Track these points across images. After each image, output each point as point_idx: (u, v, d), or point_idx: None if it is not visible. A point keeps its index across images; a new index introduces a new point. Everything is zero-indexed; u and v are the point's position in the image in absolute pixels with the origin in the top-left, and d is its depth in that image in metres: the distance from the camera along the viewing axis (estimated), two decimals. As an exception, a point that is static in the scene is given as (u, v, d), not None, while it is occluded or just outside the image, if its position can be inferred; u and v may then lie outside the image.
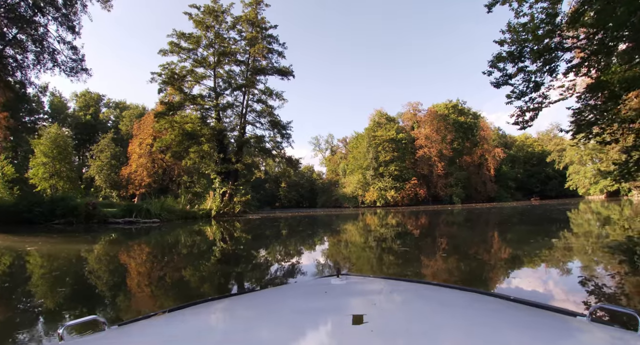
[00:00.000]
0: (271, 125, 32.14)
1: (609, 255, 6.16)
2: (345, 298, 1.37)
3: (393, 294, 1.42)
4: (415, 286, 1.59)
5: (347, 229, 14.62)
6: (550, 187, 71.78)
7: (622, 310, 1.04)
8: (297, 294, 1.56)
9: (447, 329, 0.98)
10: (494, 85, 10.36)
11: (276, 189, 79.78)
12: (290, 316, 1.17)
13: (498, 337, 0.92)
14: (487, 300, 1.36)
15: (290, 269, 6.03)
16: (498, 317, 1.12)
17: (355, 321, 0.97)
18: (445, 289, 1.56)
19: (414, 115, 66.42)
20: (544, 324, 1.03)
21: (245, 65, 31.20)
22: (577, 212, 21.02)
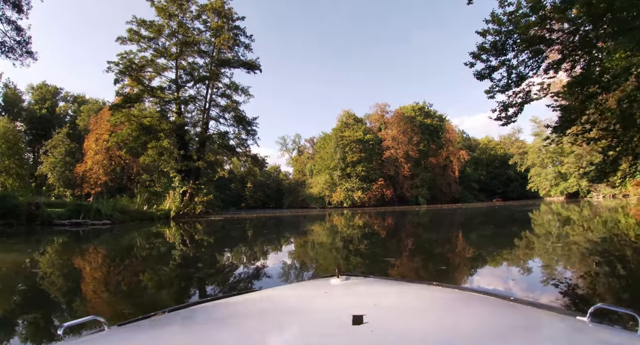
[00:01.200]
0: (236, 121, 30.69)
1: (573, 253, 6.40)
2: (345, 298, 1.36)
3: (393, 294, 1.43)
4: (415, 286, 1.57)
5: (314, 231, 13.87)
6: (512, 188, 74.58)
7: (622, 311, 1.00)
8: (297, 294, 1.52)
9: (447, 329, 0.97)
10: (477, 76, 9.92)
11: (242, 189, 78.14)
12: (290, 316, 1.15)
13: (498, 337, 0.91)
14: (487, 300, 1.32)
15: (255, 274, 5.33)
16: (498, 317, 1.11)
17: (355, 321, 0.96)
18: (445, 289, 1.53)
19: (382, 116, 66.84)
20: (544, 325, 1.03)
21: (210, 57, 29.65)
22: (539, 212, 21.28)
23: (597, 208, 23.83)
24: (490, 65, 9.72)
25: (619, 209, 21.03)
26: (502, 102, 10.24)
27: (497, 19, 9.11)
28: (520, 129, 77.91)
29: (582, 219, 14.65)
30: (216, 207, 34.87)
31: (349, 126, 62.68)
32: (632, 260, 5.69)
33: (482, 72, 9.88)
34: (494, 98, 10.14)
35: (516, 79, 9.60)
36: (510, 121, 10.49)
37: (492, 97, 10.10)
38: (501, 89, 9.92)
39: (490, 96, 10.07)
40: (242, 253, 8.16)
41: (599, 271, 4.71)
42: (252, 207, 73.53)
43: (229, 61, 29.56)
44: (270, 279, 4.99)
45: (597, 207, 25.64)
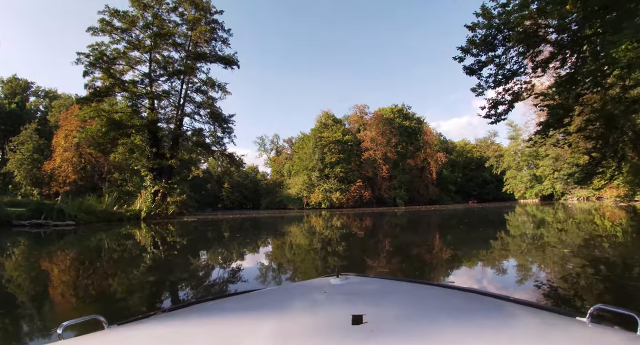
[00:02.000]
0: (212, 119, 29.59)
1: (548, 253, 6.54)
2: (344, 298, 1.34)
3: (393, 294, 1.43)
4: (415, 286, 1.57)
5: (292, 232, 13.33)
6: (487, 190, 76.24)
7: (621, 311, 1.00)
8: (297, 294, 1.51)
9: (446, 329, 0.96)
10: (467, 71, 9.61)
11: (218, 189, 76.67)
12: (290, 316, 1.15)
13: (497, 337, 0.91)
14: (486, 300, 1.33)
15: (231, 278, 4.83)
16: (497, 317, 1.11)
17: (355, 321, 0.97)
18: (444, 289, 1.53)
19: (361, 117, 66.82)
20: (544, 325, 1.03)
21: (185, 51, 28.49)
22: (514, 214, 21.33)
23: (572, 210, 24.17)
24: (480, 60, 9.42)
25: (593, 211, 21.29)
26: (491, 99, 9.96)
27: (487, 13, 8.79)
28: (496, 132, 79.86)
29: (556, 221, 14.66)
30: (190, 208, 33.68)
31: (328, 127, 62.34)
32: (609, 259, 5.80)
33: (472, 66, 9.57)
34: (483, 94, 9.88)
35: (509, 74, 9.32)
36: (500, 119, 10.27)
37: (480, 94, 9.83)
38: (492, 85, 9.63)
39: (480, 93, 9.82)
40: (214, 256, 7.55)
41: (576, 269, 4.87)
42: (229, 208, 72.22)
43: (205, 55, 28.48)
44: (246, 283, 4.70)
45: (571, 209, 26.04)
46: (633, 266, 5.30)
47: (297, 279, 4.91)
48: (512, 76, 9.31)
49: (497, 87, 9.57)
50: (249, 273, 5.31)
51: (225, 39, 29.34)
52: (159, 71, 27.90)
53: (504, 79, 9.31)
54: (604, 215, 16.15)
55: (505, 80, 9.31)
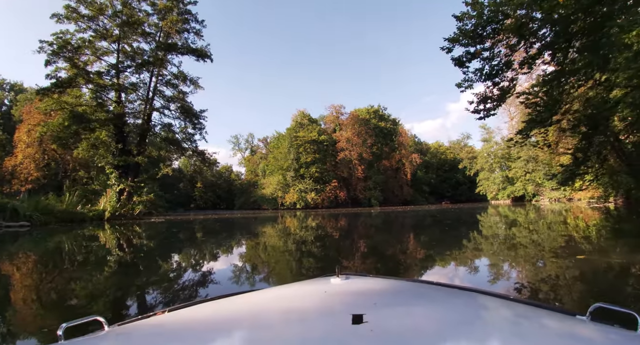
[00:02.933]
0: (182, 114, 28.31)
1: (520, 251, 6.60)
2: (345, 297, 1.33)
3: (393, 294, 1.43)
4: (416, 286, 1.58)
5: (266, 233, 12.67)
6: (460, 191, 77.95)
7: (621, 310, 0.99)
8: (296, 294, 1.49)
9: (446, 329, 0.97)
10: (456, 62, 9.23)
11: (191, 189, 74.95)
12: (289, 315, 1.15)
13: (497, 336, 0.92)
14: (486, 299, 1.32)
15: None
16: (497, 316, 1.13)
17: (355, 321, 0.96)
18: (445, 288, 1.52)
19: (337, 117, 66.67)
20: (544, 324, 1.03)
21: (156, 42, 27.07)
22: (486, 214, 21.32)
23: (545, 211, 24.41)
24: (469, 51, 9.04)
25: (564, 212, 21.52)
26: (479, 94, 9.62)
27: (477, 3, 8.38)
28: (469, 135, 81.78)
29: (527, 221, 14.55)
30: (160, 208, 32.33)
31: (303, 126, 61.77)
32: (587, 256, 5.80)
33: (460, 58, 9.17)
34: (471, 88, 9.52)
35: (500, 66, 8.99)
36: (490, 114, 9.96)
37: (469, 87, 9.45)
38: (482, 78, 9.27)
39: (468, 85, 9.43)
40: (181, 260, 6.83)
41: (549, 266, 5.00)
42: (202, 208, 70.76)
43: (176, 46, 27.16)
44: (219, 285, 4.41)
45: (543, 209, 26.35)
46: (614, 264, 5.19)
47: (272, 283, 4.64)
48: (504, 69, 9.00)
49: (487, 81, 9.28)
50: (219, 277, 4.93)
51: (198, 31, 28.22)
52: (128, 62, 26.47)
53: (493, 72, 8.99)
54: (577, 217, 16.25)
55: (495, 73, 9.00)
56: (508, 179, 56.94)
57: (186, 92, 28.75)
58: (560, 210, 23.10)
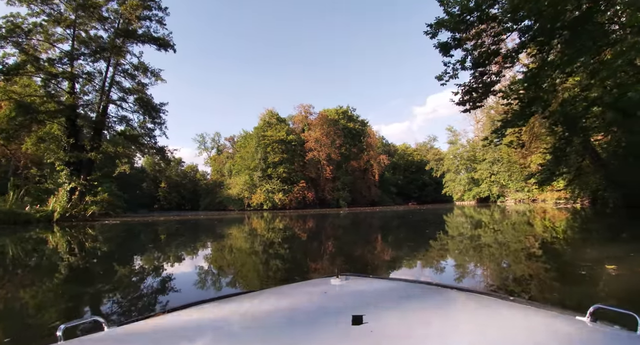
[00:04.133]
0: (141, 107, 26.57)
1: (484, 251, 6.79)
2: (344, 298, 1.36)
3: (393, 294, 1.43)
4: (415, 286, 1.57)
5: (232, 235, 11.88)
6: (427, 193, 79.45)
7: (621, 311, 1.00)
8: (296, 294, 1.52)
9: (446, 329, 0.98)
10: (442, 48, 8.80)
11: (155, 189, 72.11)
12: (289, 316, 1.16)
13: (497, 337, 0.92)
14: (485, 300, 1.33)
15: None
16: (497, 317, 1.12)
17: (355, 321, 0.98)
18: (444, 289, 1.51)
19: (305, 117, 66.05)
20: (543, 324, 1.03)
21: (114, 29, 25.26)
22: (452, 215, 21.40)
23: (509, 211, 24.80)
24: (455, 36, 8.64)
25: (528, 212, 21.86)
26: (465, 85, 9.25)
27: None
28: (435, 137, 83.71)
29: (493, 221, 14.73)
30: (118, 209, 30.51)
31: (271, 126, 60.67)
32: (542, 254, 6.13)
33: (447, 43, 8.74)
34: (456, 77, 9.13)
35: (490, 52, 8.63)
36: (476, 106, 9.61)
37: (453, 77, 9.06)
38: (470, 65, 8.90)
39: (453, 75, 9.02)
40: (134, 267, 6.00)
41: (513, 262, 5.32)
42: (166, 209, 68.32)
43: (135, 33, 25.47)
44: (179, 293, 4.05)
45: (508, 210, 26.80)
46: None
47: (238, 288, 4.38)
48: (491, 58, 8.69)
49: (474, 70, 8.95)
50: (179, 283, 4.54)
51: (160, 19, 26.60)
52: (83, 49, 24.53)
53: (481, 60, 8.67)
54: (545, 218, 16.41)
55: (482, 61, 8.68)
56: (473, 180, 58.39)
57: (146, 83, 27.22)
58: (533, 211, 23.48)
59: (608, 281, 3.89)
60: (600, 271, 4.33)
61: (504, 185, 51.17)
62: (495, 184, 53.15)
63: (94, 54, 24.47)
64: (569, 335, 0.95)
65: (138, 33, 25.59)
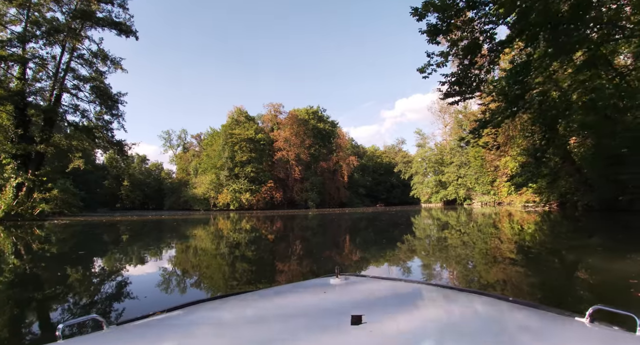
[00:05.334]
0: (98, 97, 24.71)
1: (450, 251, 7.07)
2: (344, 298, 1.35)
3: (392, 294, 1.43)
4: (414, 286, 1.57)
5: (196, 236, 11.00)
6: (394, 194, 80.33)
7: (620, 312, 0.99)
8: (296, 294, 1.52)
9: (445, 329, 0.98)
10: (430, 31, 8.32)
11: (117, 187, 68.94)
12: (289, 316, 1.16)
13: (496, 337, 0.92)
14: (485, 300, 1.32)
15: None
16: (496, 317, 1.12)
17: (354, 321, 0.97)
18: (443, 289, 1.53)
19: (275, 116, 65.17)
20: (543, 325, 1.03)
21: (72, 10, 23.27)
22: (420, 217, 21.39)
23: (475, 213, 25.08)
24: (445, 19, 8.22)
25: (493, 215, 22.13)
26: (455, 74, 8.85)
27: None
28: (404, 140, 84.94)
29: (459, 223, 14.79)
30: (74, 208, 28.58)
31: (240, 124, 59.29)
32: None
33: (436, 26, 8.28)
34: (444, 65, 8.73)
35: (484, 38, 8.26)
36: (464, 97, 9.24)
37: (440, 66, 8.64)
38: (465, 51, 8.50)
39: (440, 64, 8.61)
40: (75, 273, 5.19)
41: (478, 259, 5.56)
42: (129, 208, 65.86)
43: (92, 15, 23.50)
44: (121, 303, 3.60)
45: (474, 212, 27.12)
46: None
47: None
48: (482, 45, 8.37)
49: (467, 56, 8.59)
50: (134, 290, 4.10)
51: (122, 2, 24.80)
52: (36, 31, 22.50)
53: (471, 47, 8.32)
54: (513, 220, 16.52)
55: (474, 48, 8.34)
56: (441, 183, 59.33)
57: (103, 71, 25.45)
58: (501, 214, 23.76)
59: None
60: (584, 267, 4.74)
61: (470, 188, 52.32)
62: (462, 187, 54.27)
63: (48, 35, 22.50)
64: (568, 336, 0.94)
65: (97, 16, 23.84)
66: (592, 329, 0.98)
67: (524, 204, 30.59)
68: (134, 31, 24.97)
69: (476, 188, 50.56)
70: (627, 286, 3.59)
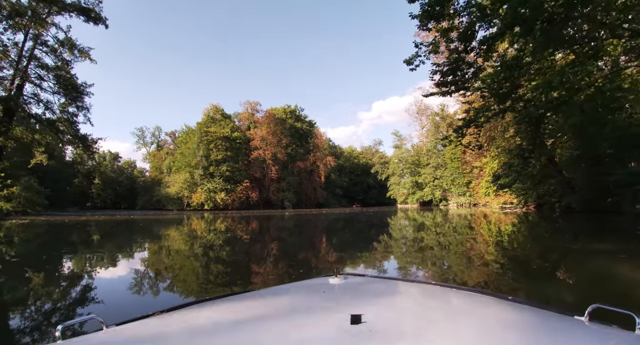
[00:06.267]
0: (62, 88, 23.30)
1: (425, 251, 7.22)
2: (343, 297, 1.35)
3: (391, 294, 1.44)
4: (413, 286, 1.58)
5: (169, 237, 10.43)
6: (371, 195, 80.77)
7: (619, 311, 1.01)
8: (295, 294, 1.52)
9: (444, 329, 0.98)
10: (425, 15, 8.00)
11: (88, 185, 66.31)
12: (288, 315, 1.16)
13: (495, 337, 0.93)
14: (484, 300, 1.33)
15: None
16: (496, 317, 1.13)
17: (354, 321, 0.98)
18: (442, 288, 1.53)
19: (252, 115, 64.21)
20: (542, 324, 1.04)
21: None
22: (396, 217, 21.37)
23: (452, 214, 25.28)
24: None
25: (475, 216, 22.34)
26: (448, 60, 8.63)
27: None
28: (381, 141, 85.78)
29: (435, 224, 14.91)
30: (38, 206, 27.23)
31: (215, 121, 57.97)
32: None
33: (432, 7, 7.98)
34: (434, 52, 8.48)
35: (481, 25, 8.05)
36: (463, 86, 9.03)
37: (431, 54, 8.43)
38: (460, 39, 8.27)
39: (433, 50, 8.36)
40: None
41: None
42: (100, 208, 63.26)
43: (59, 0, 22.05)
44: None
45: (451, 213, 27.37)
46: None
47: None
48: (485, 24, 8.14)
49: (465, 43, 8.37)
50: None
51: (93, -12, 23.43)
52: None
53: (469, 33, 8.10)
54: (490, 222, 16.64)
55: (471, 34, 8.14)
56: (417, 184, 59.99)
57: (69, 60, 23.96)
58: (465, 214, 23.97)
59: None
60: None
61: (446, 189, 53.14)
62: (438, 188, 55.09)
63: (8, 18, 21.05)
64: (568, 335, 0.94)
65: (64, 1, 22.42)
66: (591, 328, 0.99)
67: (502, 206, 31.14)
68: (103, 19, 23.79)
69: (452, 189, 51.46)
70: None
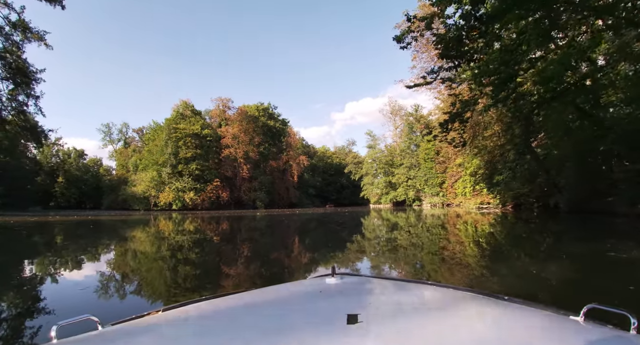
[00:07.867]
0: (10, 72, 21.19)
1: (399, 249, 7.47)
2: (340, 297, 1.35)
3: (388, 294, 1.44)
4: (410, 286, 1.59)
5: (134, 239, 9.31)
6: (344, 195, 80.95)
7: (614, 311, 1.01)
8: (292, 293, 1.52)
9: (441, 329, 0.99)
10: None
11: (51, 184, 62.73)
12: (285, 315, 1.16)
13: (491, 336, 0.93)
14: (481, 299, 1.33)
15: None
16: (492, 316, 1.12)
17: (350, 321, 0.99)
18: (439, 288, 1.54)
19: (223, 112, 62.58)
20: (538, 324, 1.04)
21: None
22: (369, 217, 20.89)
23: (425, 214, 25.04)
24: None
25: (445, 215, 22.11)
26: (450, 37, 8.01)
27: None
28: (354, 141, 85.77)
29: (408, 224, 14.88)
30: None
31: (185, 118, 55.98)
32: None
33: None
34: (429, 29, 7.82)
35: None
36: (461, 62, 8.48)
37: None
38: (461, 22, 7.66)
39: (425, 28, 7.75)
40: None
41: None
42: (64, 207, 60.21)
43: None
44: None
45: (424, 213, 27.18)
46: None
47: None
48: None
49: (467, 22, 7.80)
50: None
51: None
52: None
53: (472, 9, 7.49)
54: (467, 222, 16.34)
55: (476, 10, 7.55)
56: (391, 184, 60.23)
57: (18, 42, 21.70)
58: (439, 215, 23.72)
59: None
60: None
61: (420, 189, 53.43)
62: (411, 189, 55.41)
63: None
64: (563, 335, 0.95)
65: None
66: (586, 328, 0.99)
67: (479, 206, 31.29)
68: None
69: (425, 189, 51.88)
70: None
